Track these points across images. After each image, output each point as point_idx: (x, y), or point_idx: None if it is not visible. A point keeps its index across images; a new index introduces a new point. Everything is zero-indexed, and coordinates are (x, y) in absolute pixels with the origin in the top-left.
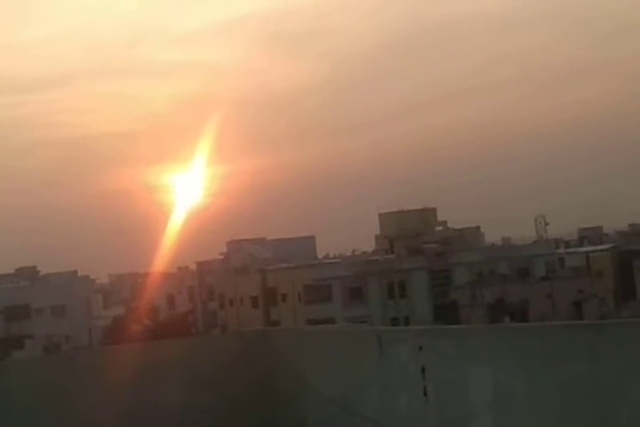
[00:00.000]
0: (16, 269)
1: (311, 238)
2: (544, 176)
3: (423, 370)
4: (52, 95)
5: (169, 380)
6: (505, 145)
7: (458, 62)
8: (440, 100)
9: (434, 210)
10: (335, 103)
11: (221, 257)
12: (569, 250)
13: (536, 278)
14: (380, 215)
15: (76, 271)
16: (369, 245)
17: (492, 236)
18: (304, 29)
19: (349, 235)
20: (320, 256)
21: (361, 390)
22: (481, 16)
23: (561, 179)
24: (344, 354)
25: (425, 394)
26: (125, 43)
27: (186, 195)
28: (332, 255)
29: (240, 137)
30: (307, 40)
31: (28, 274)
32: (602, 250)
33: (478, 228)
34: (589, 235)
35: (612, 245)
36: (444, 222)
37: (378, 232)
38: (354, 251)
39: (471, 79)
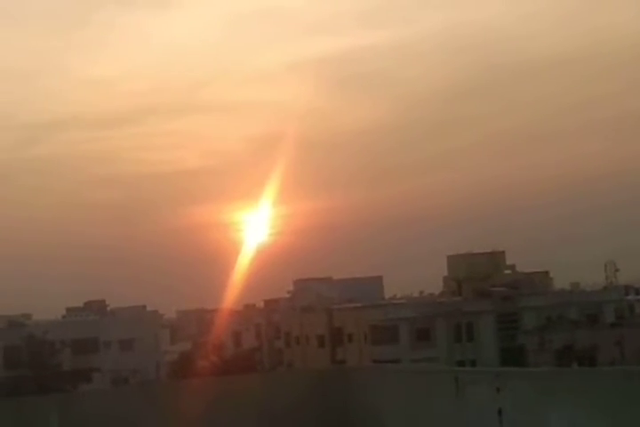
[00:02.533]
0: (85, 303)
1: (378, 279)
2: (616, 222)
3: (500, 412)
4: (123, 132)
5: (244, 414)
6: (579, 196)
7: (532, 108)
8: (512, 145)
9: (502, 253)
10: (407, 145)
11: (288, 296)
12: (639, 297)
13: (605, 325)
14: (449, 257)
15: (144, 306)
16: (436, 287)
17: (560, 281)
18: (377, 72)
19: (417, 276)
20: (387, 297)
21: None
22: (556, 62)
23: (633, 224)
24: (420, 394)
25: None
26: (198, 81)
27: (254, 233)
28: (399, 296)
29: (309, 177)
30: (380, 82)
31: (97, 308)
32: None
33: (547, 272)
34: None
35: None
36: (513, 266)
37: (446, 274)
38: (421, 292)
39: (545, 125)
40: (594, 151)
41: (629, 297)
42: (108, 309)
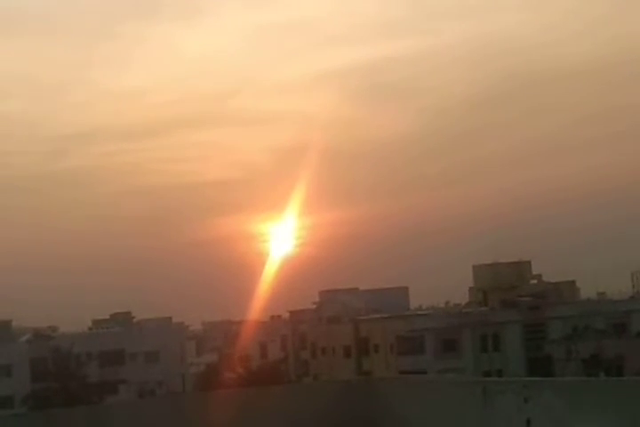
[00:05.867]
0: (111, 315)
1: (404, 289)
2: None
3: (528, 423)
4: (150, 144)
5: (270, 426)
6: (605, 205)
7: (555, 117)
8: (536, 153)
9: (528, 263)
10: (431, 155)
11: (314, 306)
12: None
13: (632, 334)
14: (475, 267)
15: (170, 318)
16: (462, 297)
17: (587, 290)
18: (400, 82)
19: (442, 286)
20: (413, 307)
21: None
22: (578, 71)
23: None
24: (448, 404)
25: None
26: (223, 93)
27: (279, 244)
28: (424, 307)
29: (334, 187)
30: (403, 92)
31: (123, 320)
32: None
33: (574, 282)
34: None
35: None
36: (539, 276)
37: (471, 284)
38: (447, 302)
39: (569, 133)
40: (619, 160)
41: None
42: (134, 320)
